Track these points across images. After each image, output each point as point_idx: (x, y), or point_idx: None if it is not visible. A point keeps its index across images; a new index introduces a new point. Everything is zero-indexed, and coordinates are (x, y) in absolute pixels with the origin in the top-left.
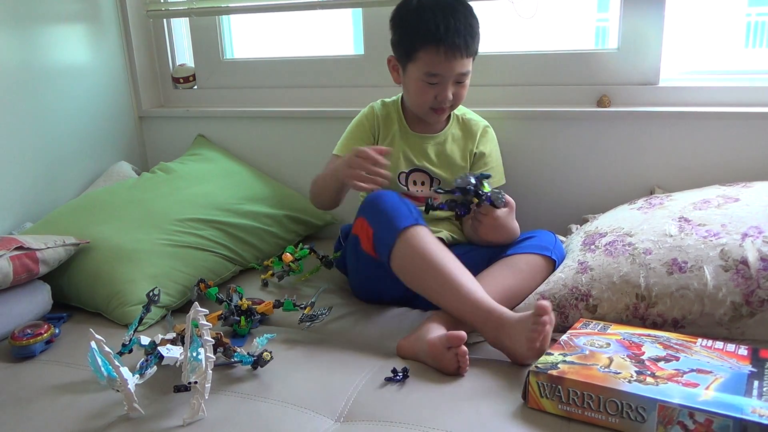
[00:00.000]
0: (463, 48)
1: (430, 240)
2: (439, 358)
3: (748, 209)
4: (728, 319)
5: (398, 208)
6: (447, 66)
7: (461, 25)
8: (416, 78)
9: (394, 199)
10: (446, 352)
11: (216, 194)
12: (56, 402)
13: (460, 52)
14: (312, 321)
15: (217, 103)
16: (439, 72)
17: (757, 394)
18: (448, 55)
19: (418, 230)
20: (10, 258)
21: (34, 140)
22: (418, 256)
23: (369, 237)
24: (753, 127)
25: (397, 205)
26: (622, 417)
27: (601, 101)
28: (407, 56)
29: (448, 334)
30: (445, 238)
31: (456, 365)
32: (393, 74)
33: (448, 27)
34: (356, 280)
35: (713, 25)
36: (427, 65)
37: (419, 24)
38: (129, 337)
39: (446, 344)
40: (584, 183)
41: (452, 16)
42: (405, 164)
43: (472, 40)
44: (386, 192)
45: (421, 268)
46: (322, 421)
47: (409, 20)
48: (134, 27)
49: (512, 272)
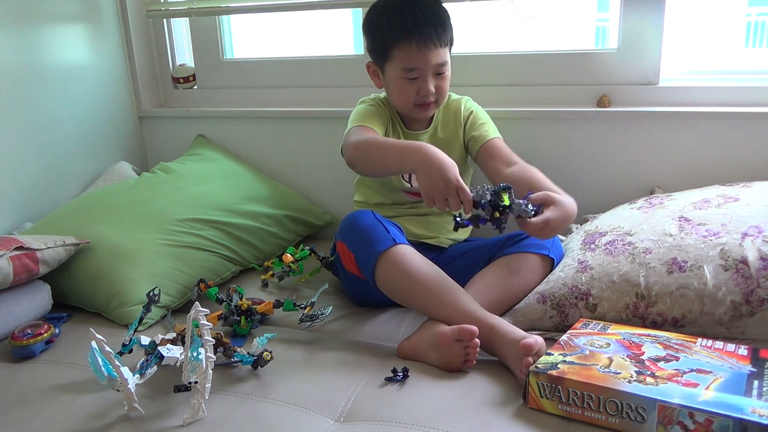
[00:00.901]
0: (435, 38)
1: (410, 258)
2: (446, 349)
3: (748, 209)
4: (728, 318)
5: (375, 231)
6: (422, 58)
7: (429, 17)
8: (395, 76)
9: (369, 221)
10: (455, 344)
11: (216, 194)
12: (56, 402)
13: (432, 42)
14: (312, 321)
15: (217, 103)
16: (416, 65)
17: (757, 394)
18: (420, 47)
19: (396, 251)
20: (10, 258)
21: (34, 140)
22: (400, 276)
23: (352, 261)
24: (753, 127)
25: (373, 228)
26: (622, 417)
27: (601, 101)
28: (383, 57)
29: (460, 327)
30: (441, 243)
31: (461, 359)
32: (374, 80)
33: (416, 20)
34: (349, 289)
35: (713, 25)
36: (402, 61)
37: (388, 23)
38: (129, 337)
39: (457, 336)
40: (584, 183)
41: (418, 9)
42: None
43: (443, 29)
44: (362, 214)
45: (406, 288)
46: (322, 421)
47: (378, 22)
48: (134, 27)
49: (510, 272)
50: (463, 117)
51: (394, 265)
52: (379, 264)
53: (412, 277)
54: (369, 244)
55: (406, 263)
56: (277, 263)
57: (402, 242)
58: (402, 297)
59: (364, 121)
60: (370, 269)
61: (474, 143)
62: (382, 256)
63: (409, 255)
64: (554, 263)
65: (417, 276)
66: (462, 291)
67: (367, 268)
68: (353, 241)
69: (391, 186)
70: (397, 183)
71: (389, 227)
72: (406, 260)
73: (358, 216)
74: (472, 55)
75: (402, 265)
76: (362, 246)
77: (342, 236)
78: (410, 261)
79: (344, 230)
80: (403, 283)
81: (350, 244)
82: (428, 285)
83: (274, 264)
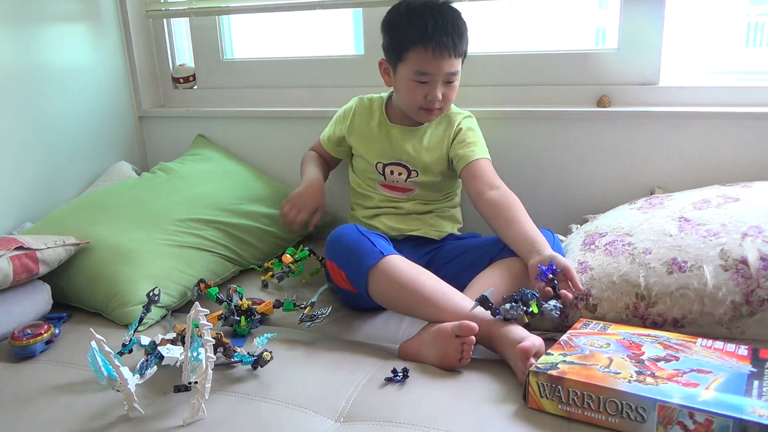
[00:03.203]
0: (451, 47)
1: (400, 268)
2: (445, 344)
3: (748, 209)
4: (728, 318)
5: (361, 246)
6: (435, 64)
7: (449, 26)
8: (406, 78)
9: (354, 237)
10: (453, 340)
11: (216, 194)
12: (56, 402)
13: (448, 51)
14: (312, 321)
15: (217, 103)
16: (428, 70)
17: (757, 394)
18: (436, 54)
19: (386, 263)
20: (10, 258)
21: (34, 140)
22: (393, 288)
23: (343, 278)
24: (753, 127)
25: (359, 243)
26: (622, 417)
27: (601, 101)
28: (398, 57)
29: (460, 323)
30: (427, 234)
31: (458, 355)
32: (384, 77)
33: (436, 27)
34: (345, 300)
35: (713, 25)
36: (416, 64)
37: (408, 25)
38: (129, 337)
39: (456, 331)
40: (584, 183)
41: (440, 17)
42: (383, 156)
43: (460, 40)
44: (345, 230)
45: (401, 298)
46: (322, 421)
47: (398, 22)
48: (134, 27)
49: (510, 274)
50: (454, 131)
51: (385, 277)
52: (370, 279)
53: (405, 286)
54: (358, 260)
55: (397, 274)
56: (277, 264)
57: (390, 253)
58: (398, 307)
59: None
60: (363, 285)
61: (459, 162)
62: (373, 271)
63: (399, 265)
64: None
65: (410, 285)
66: (457, 293)
67: (360, 283)
68: (341, 258)
69: (370, 181)
70: (375, 176)
71: (374, 239)
72: (397, 271)
73: (342, 233)
74: (473, 54)
75: (393, 276)
76: (351, 263)
77: (329, 255)
78: (401, 271)
79: (331, 249)
80: (397, 293)
81: (339, 262)
82: (423, 292)
83: (274, 265)
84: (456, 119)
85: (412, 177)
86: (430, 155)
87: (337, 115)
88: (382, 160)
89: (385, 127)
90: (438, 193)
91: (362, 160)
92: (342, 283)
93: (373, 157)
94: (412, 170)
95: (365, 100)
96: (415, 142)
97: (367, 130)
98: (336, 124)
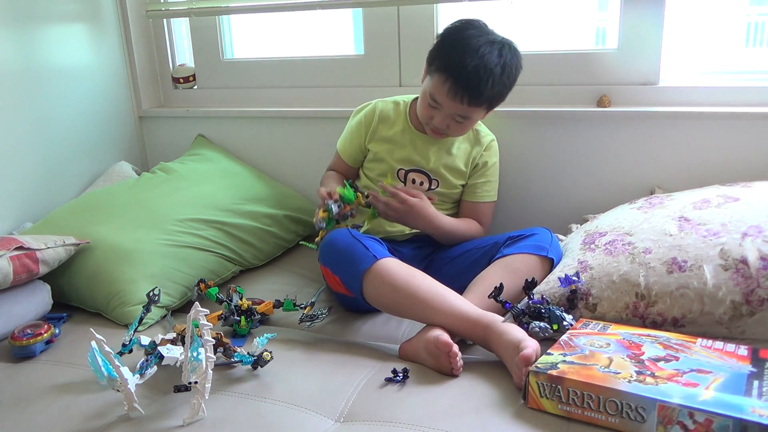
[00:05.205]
0: (471, 96)
1: (395, 271)
2: (435, 356)
3: (748, 209)
4: (728, 318)
5: (354, 250)
6: (447, 101)
7: (487, 75)
8: (426, 91)
9: (347, 241)
10: (441, 353)
11: (216, 194)
12: (56, 402)
13: (467, 98)
14: (312, 321)
15: (217, 103)
16: (440, 101)
17: (757, 394)
18: (450, 93)
19: (379, 267)
20: (10, 258)
21: (34, 140)
22: (388, 291)
23: (338, 282)
24: (753, 127)
25: (352, 247)
26: (621, 417)
27: (601, 101)
28: (429, 66)
29: (436, 339)
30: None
31: (449, 366)
32: (423, 73)
33: (469, 73)
34: (343, 304)
35: (713, 25)
36: (433, 87)
37: (452, 48)
38: (129, 337)
39: (438, 348)
40: (584, 183)
41: (486, 62)
42: (406, 162)
43: (489, 93)
44: (337, 235)
45: (397, 301)
46: (322, 421)
47: (449, 40)
48: (134, 27)
49: (509, 273)
50: (480, 156)
51: (380, 281)
52: (365, 283)
53: (399, 289)
54: (351, 265)
55: (391, 277)
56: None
57: (383, 256)
58: (394, 310)
59: (340, 146)
60: (358, 289)
61: (470, 193)
62: (367, 275)
63: (393, 268)
64: (553, 264)
65: (405, 287)
66: (453, 293)
67: (354, 288)
68: (335, 263)
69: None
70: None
71: (367, 243)
72: (391, 274)
73: (335, 238)
74: None
75: (388, 279)
76: (345, 268)
77: (324, 261)
78: (395, 274)
79: (324, 254)
80: (392, 296)
81: (333, 267)
82: (418, 294)
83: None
84: (483, 141)
85: (432, 187)
86: (454, 167)
87: (353, 125)
88: (404, 166)
89: (409, 133)
90: (453, 204)
91: (381, 163)
92: (338, 288)
93: (396, 163)
94: (433, 179)
95: (388, 104)
96: (442, 153)
97: (390, 135)
98: (354, 137)
